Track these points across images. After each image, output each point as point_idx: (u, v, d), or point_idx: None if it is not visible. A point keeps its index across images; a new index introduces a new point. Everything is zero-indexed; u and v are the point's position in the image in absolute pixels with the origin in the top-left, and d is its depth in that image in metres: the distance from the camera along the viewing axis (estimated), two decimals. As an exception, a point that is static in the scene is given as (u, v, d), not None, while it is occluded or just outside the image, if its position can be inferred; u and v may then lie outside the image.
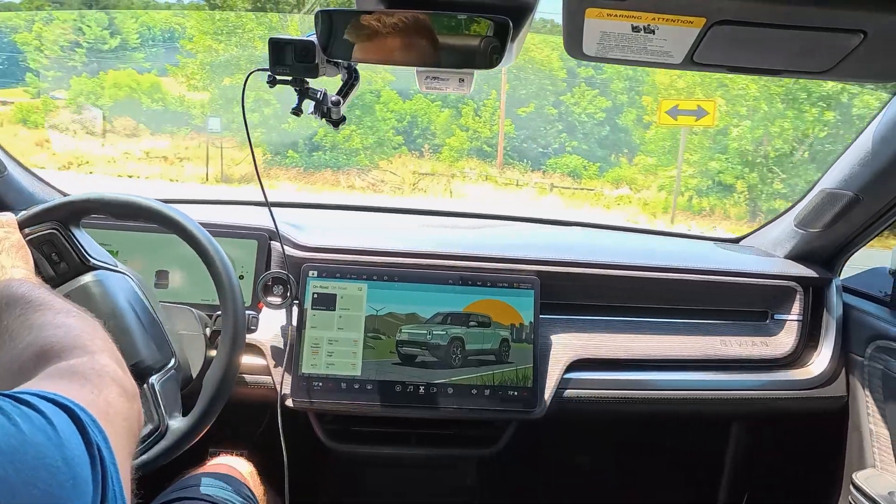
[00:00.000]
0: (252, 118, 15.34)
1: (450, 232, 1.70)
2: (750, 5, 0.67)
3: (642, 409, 1.37)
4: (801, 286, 1.45)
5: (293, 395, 1.24)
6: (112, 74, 19.03)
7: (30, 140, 17.96)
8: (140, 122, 18.18)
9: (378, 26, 0.87)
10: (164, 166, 16.72)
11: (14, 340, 0.69)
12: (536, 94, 18.26)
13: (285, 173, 16.05)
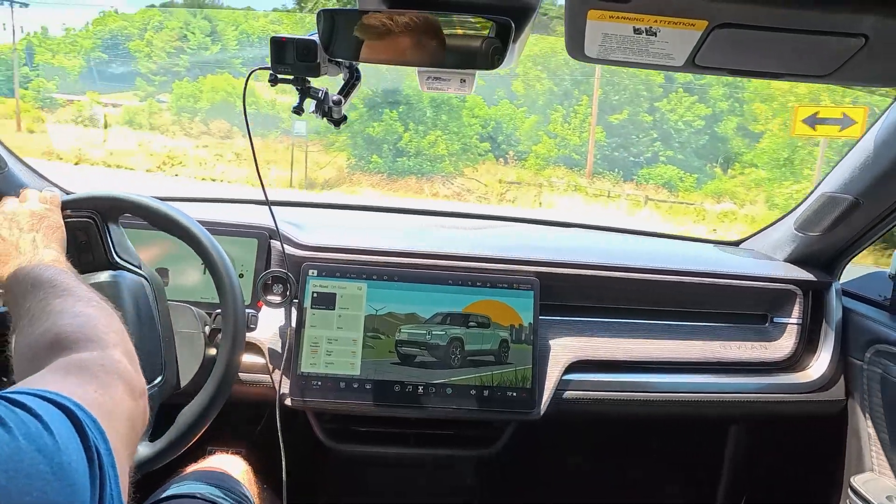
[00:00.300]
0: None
1: (450, 232, 1.70)
2: (752, 8, 0.67)
3: (641, 410, 1.37)
4: (801, 289, 1.45)
5: (292, 394, 1.24)
6: (210, 79, 19.95)
7: (133, 140, 18.95)
8: (234, 124, 18.79)
9: (380, 26, 0.87)
10: (252, 169, 16.96)
11: (33, 325, 0.70)
12: (630, 100, 17.65)
13: (368, 179, 15.99)
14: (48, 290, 0.75)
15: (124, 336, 0.72)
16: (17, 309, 0.77)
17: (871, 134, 1.23)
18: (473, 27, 0.86)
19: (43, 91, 21.37)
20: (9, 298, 0.81)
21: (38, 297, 0.74)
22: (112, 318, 0.74)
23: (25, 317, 0.72)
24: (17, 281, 0.79)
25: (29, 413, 0.47)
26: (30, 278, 0.78)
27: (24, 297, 0.76)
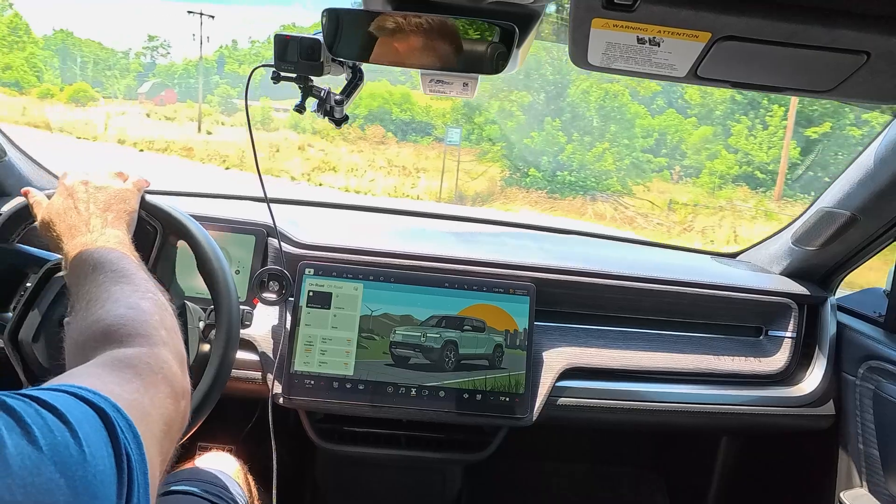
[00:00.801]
0: (492, 130, 14.37)
1: (447, 235, 1.70)
2: (755, 22, 0.68)
3: (633, 419, 1.37)
4: (796, 303, 1.46)
5: (284, 392, 1.24)
6: (369, 86, 20.65)
7: (294, 144, 19.53)
8: (389, 130, 18.95)
9: (384, 27, 0.87)
10: (401, 177, 16.71)
11: (89, 309, 0.70)
12: (835, 111, 15.11)
13: (524, 195, 14.48)
14: (108, 275, 0.75)
15: (175, 334, 0.72)
16: (76, 288, 0.77)
17: (870, 150, 1.24)
18: (477, 31, 0.87)
19: (226, 97, 22.43)
20: (70, 276, 0.81)
21: (97, 281, 0.74)
22: (166, 312, 0.73)
23: (83, 299, 0.72)
24: (81, 260, 0.80)
25: (59, 419, 0.45)
26: (93, 259, 0.78)
27: (85, 277, 0.76)
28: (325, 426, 1.35)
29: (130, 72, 43.13)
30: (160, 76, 40.64)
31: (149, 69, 44.20)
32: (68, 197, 0.93)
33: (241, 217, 1.38)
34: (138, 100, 35.50)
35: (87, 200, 0.92)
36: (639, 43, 0.74)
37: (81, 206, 0.91)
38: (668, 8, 0.67)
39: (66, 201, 0.92)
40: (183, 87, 37.01)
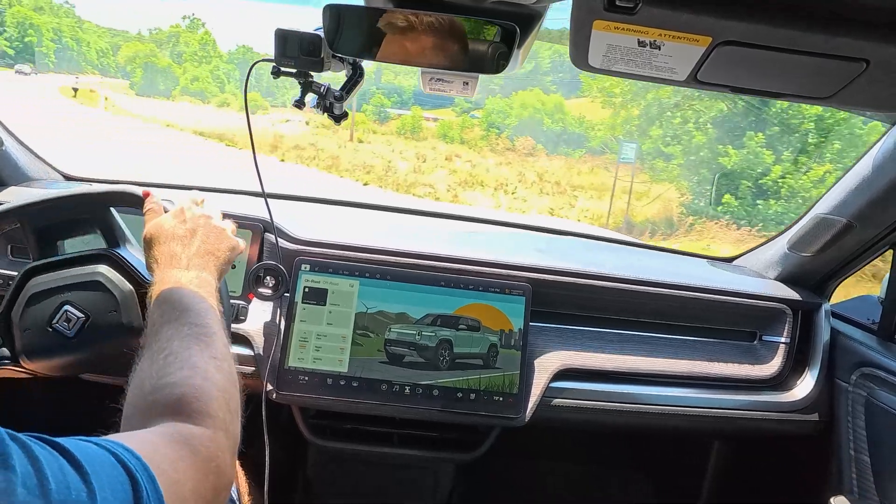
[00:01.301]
0: (672, 150, 12.42)
1: (445, 234, 1.70)
2: (756, 27, 0.68)
3: (626, 421, 1.37)
4: (791, 309, 1.46)
5: (278, 388, 1.24)
6: (521, 95, 19.97)
7: (443, 153, 18.82)
8: (539, 142, 18.09)
9: (385, 24, 0.87)
10: (555, 195, 15.34)
11: (167, 363, 0.69)
12: None
13: (723, 231, 10.43)
14: (193, 328, 0.75)
15: (236, 417, 0.72)
16: (157, 326, 0.76)
17: (867, 158, 1.24)
18: (479, 31, 0.87)
19: (380, 106, 22.60)
20: (155, 306, 0.80)
21: (181, 333, 0.73)
22: (234, 388, 0.73)
23: (162, 348, 0.71)
24: (172, 298, 0.79)
25: (82, 479, 0.45)
26: (183, 304, 0.78)
27: (170, 321, 0.75)
28: (318, 422, 1.35)
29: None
30: None
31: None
32: (182, 223, 0.91)
33: (237, 211, 1.38)
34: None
35: (200, 236, 0.91)
36: (639, 46, 0.74)
37: (192, 240, 0.90)
38: (669, 11, 0.67)
39: (178, 226, 0.91)
40: None
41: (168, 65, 32.95)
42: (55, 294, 0.97)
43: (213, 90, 31.34)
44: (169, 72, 32.37)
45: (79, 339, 0.95)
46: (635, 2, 0.66)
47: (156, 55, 33.72)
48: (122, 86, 32.54)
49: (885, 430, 1.31)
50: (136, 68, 32.96)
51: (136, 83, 32.20)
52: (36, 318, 0.96)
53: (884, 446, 1.31)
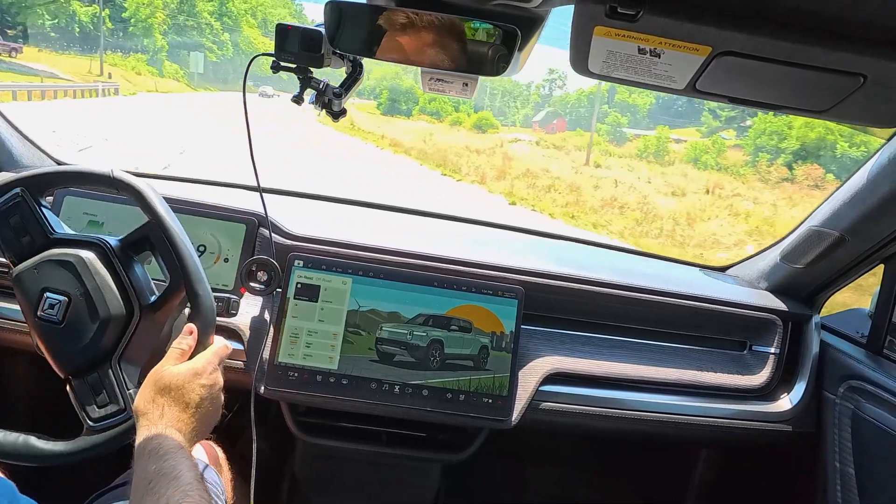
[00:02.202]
0: None
1: (439, 234, 1.70)
2: (756, 39, 0.68)
3: (614, 426, 1.37)
4: (781, 320, 1.47)
5: (267, 383, 1.23)
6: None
7: (700, 181, 15.83)
8: (829, 170, 14.72)
9: (387, 23, 0.87)
10: None
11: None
12: None
13: None
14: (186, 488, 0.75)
15: None
16: (142, 485, 0.76)
17: (862, 172, 1.25)
18: (480, 32, 0.87)
19: (615, 125, 21.58)
20: (140, 461, 0.79)
21: (158, 494, 0.73)
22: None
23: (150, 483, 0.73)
24: (161, 466, 0.78)
25: None
26: (173, 474, 0.77)
27: (155, 487, 0.75)
28: (307, 419, 1.35)
29: (530, 102, 46.75)
30: (554, 106, 42.74)
31: (545, 100, 47.23)
32: (202, 387, 0.90)
33: (232, 205, 1.37)
34: (532, 128, 37.47)
35: (206, 405, 0.90)
36: (639, 53, 0.75)
37: (200, 409, 0.89)
38: (670, 20, 0.67)
39: (197, 390, 0.89)
40: (573, 116, 39.01)
41: (410, 86, 34.58)
42: (34, 282, 0.96)
43: (448, 109, 32.45)
44: (411, 92, 33.86)
45: (67, 322, 0.95)
46: (637, 9, 0.66)
47: (400, 77, 35.52)
48: (370, 106, 34.48)
49: (870, 443, 1.32)
50: (383, 90, 34.77)
51: (383, 103, 33.99)
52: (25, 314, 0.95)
53: (869, 459, 1.32)
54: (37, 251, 0.97)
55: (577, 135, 25.57)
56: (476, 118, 32.98)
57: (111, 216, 1.33)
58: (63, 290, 0.95)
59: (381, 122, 28.83)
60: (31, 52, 31.55)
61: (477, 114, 34.06)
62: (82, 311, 0.95)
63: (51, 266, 0.96)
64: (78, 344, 0.94)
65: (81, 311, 0.95)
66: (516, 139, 21.27)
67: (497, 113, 24.03)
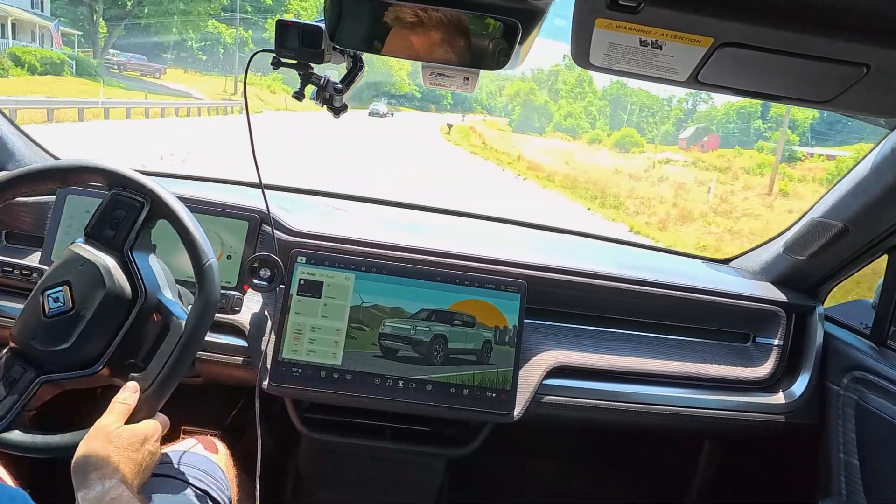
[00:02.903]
0: None
1: (441, 229, 1.70)
2: (757, 30, 0.68)
3: (617, 419, 1.37)
4: (785, 311, 1.47)
5: (271, 379, 1.24)
6: None
7: None
8: None
9: (387, 17, 0.87)
10: None
11: None
12: None
13: None
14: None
15: None
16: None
17: (865, 162, 1.24)
18: (480, 26, 0.86)
19: (787, 145, 19.52)
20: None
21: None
22: None
23: None
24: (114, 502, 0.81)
25: None
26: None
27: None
28: (311, 415, 1.35)
29: (670, 118, 42.99)
30: (700, 121, 39.05)
31: (688, 115, 43.89)
32: (150, 455, 0.92)
33: (234, 202, 1.37)
34: (678, 145, 34.36)
35: (146, 470, 0.92)
36: (641, 45, 0.74)
37: (145, 471, 0.91)
38: (671, 11, 0.67)
39: (147, 457, 0.92)
40: (721, 132, 35.61)
41: (545, 102, 33.50)
42: (35, 292, 0.98)
43: (584, 125, 31.08)
44: (545, 109, 32.94)
45: (77, 309, 0.95)
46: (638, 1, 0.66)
47: (534, 93, 34.39)
48: (502, 123, 32.78)
49: (874, 434, 1.32)
50: (516, 106, 33.84)
51: (515, 120, 32.69)
52: (35, 324, 0.96)
53: (873, 450, 1.32)
54: None
55: (736, 153, 22.51)
56: (618, 136, 30.37)
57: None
58: (62, 282, 0.96)
59: (513, 140, 26.81)
60: (177, 73, 32.40)
61: (619, 131, 31.58)
62: (87, 287, 0.96)
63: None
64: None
65: (87, 288, 0.96)
66: (668, 159, 19.02)
67: (638, 129, 23.05)
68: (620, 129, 32.12)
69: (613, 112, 11.67)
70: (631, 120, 21.53)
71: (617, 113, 38.14)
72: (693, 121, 40.69)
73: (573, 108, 31.99)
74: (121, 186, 1.02)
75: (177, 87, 28.19)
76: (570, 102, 32.64)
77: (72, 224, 1.32)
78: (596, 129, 30.56)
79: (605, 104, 33.12)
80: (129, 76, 27.56)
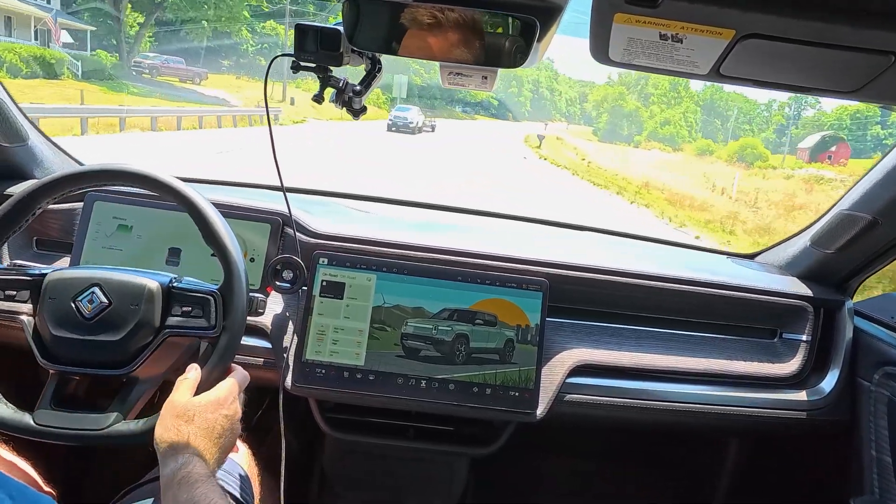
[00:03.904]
0: None
1: (461, 228, 1.70)
2: (781, 20, 0.67)
3: (642, 418, 1.36)
4: (813, 307, 1.44)
5: (295, 380, 1.25)
6: None
7: None
8: None
9: (405, 19, 0.87)
10: None
11: None
12: None
13: None
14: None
15: None
16: (170, 498, 0.79)
17: (893, 153, 1.22)
18: (497, 24, 0.86)
19: None
20: (169, 489, 0.81)
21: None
22: None
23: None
24: (191, 496, 0.80)
25: None
26: (200, 495, 0.79)
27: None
28: (335, 415, 1.36)
29: (771, 124, 38.38)
30: (807, 128, 33.84)
31: (791, 121, 38.84)
32: (226, 418, 0.92)
33: (257, 205, 1.39)
34: (796, 156, 30.06)
35: (228, 436, 0.92)
36: (661, 39, 0.73)
37: (223, 437, 0.91)
38: (692, 4, 0.66)
39: (221, 420, 0.91)
40: None
41: (635, 108, 30.18)
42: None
43: (683, 133, 27.38)
44: (635, 116, 29.76)
45: (92, 324, 0.97)
46: None
47: (624, 98, 31.21)
48: (585, 132, 29.81)
49: None
50: (602, 113, 30.79)
51: (601, 128, 29.72)
52: (65, 288, 0.98)
53: None
54: None
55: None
56: (737, 146, 25.90)
57: (140, 220, 1.36)
58: (109, 296, 0.98)
59: (605, 152, 23.01)
60: (227, 79, 30.89)
61: (737, 141, 27.18)
62: (114, 320, 0.98)
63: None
64: (93, 338, 0.97)
65: (112, 320, 0.98)
66: (821, 177, 14.86)
67: (732, 137, 20.14)
68: (740, 138, 27.36)
69: (705, 117, 10.81)
70: (726, 127, 19.30)
71: (710, 120, 34.61)
72: (798, 127, 36.02)
73: (670, 115, 28.48)
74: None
75: (212, 94, 26.91)
76: (662, 109, 29.36)
77: (99, 230, 1.35)
78: (702, 138, 26.87)
79: (697, 110, 29.72)
80: (163, 81, 25.90)
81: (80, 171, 1.03)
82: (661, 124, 28.30)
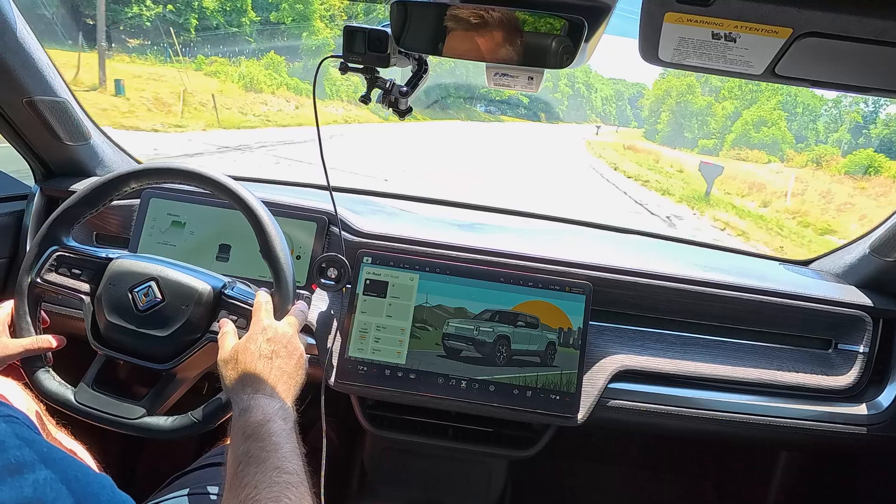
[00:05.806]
0: None
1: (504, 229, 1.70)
2: (840, 18, 0.64)
3: (687, 426, 1.33)
4: (871, 317, 1.38)
5: (338, 377, 1.27)
6: None
7: None
8: None
9: (452, 20, 0.88)
10: None
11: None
12: None
13: None
14: (283, 476, 0.73)
15: None
16: (243, 466, 0.75)
17: None
18: (545, 24, 0.86)
19: None
20: (240, 436, 0.80)
21: (269, 476, 0.72)
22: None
23: (247, 486, 0.71)
24: (260, 437, 0.79)
25: None
26: (272, 443, 0.77)
27: (258, 463, 0.75)
28: (376, 412, 1.38)
29: (843, 123, 34.05)
30: (889, 126, 29.49)
31: (868, 119, 34.45)
32: (268, 341, 0.93)
33: (304, 204, 1.42)
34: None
35: (283, 356, 0.94)
36: (713, 38, 0.72)
37: (274, 361, 0.92)
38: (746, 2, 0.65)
39: (264, 345, 0.93)
40: None
41: (703, 106, 22.50)
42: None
43: (790, 138, 21.11)
44: (702, 114, 22.14)
45: (144, 316, 1.01)
46: None
47: (693, 92, 23.66)
48: (636, 133, 23.89)
49: None
50: (663, 111, 23.23)
51: (661, 131, 23.03)
52: (125, 277, 1.04)
53: None
54: None
55: None
56: (859, 159, 21.21)
57: (192, 216, 1.40)
58: (164, 292, 1.03)
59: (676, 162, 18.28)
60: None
61: (856, 154, 22.75)
62: (164, 316, 1.02)
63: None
64: (141, 330, 1.02)
65: (163, 316, 1.02)
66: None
67: (796, 137, 17.04)
68: (856, 151, 21.64)
69: (790, 117, 9.18)
70: (791, 127, 16.14)
71: (796, 118, 29.95)
72: (877, 125, 31.32)
73: (765, 113, 22.02)
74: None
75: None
76: (735, 105, 22.48)
77: (154, 226, 1.40)
78: (812, 148, 20.97)
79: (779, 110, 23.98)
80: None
81: (161, 166, 1.09)
82: (755, 125, 22.24)
